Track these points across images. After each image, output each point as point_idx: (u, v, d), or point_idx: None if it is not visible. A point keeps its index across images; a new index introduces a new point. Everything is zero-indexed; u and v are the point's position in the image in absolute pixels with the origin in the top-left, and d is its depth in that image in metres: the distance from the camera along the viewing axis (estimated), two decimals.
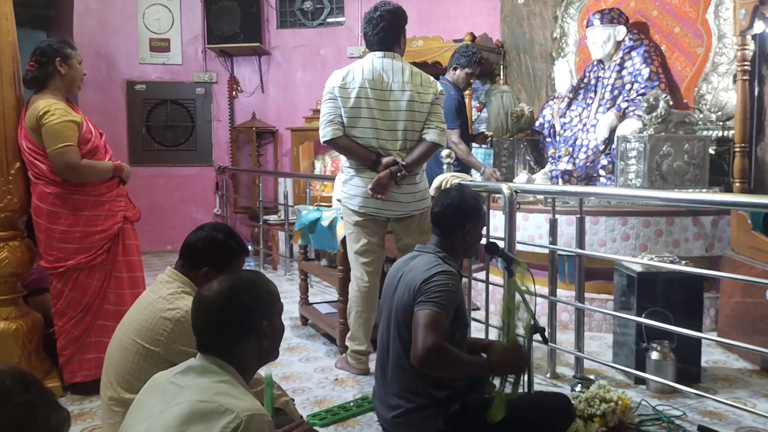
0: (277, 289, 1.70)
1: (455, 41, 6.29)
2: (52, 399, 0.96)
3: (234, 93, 8.19)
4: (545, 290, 3.64)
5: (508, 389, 2.25)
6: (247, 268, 6.84)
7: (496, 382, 2.24)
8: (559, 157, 5.40)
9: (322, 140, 3.42)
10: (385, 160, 3.36)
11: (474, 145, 5.54)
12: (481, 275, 4.10)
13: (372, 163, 3.39)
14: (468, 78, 5.04)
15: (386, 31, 3.45)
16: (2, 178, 3.27)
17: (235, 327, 1.55)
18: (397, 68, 3.42)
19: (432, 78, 3.49)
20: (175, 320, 2.07)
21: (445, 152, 4.06)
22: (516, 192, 3.37)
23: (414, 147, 3.42)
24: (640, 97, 5.02)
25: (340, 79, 3.43)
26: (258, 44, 7.70)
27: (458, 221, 2.41)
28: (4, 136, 3.28)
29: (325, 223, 4.09)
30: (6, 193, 3.28)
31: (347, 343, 3.70)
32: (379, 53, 3.46)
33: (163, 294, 2.15)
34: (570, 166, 5.18)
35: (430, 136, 3.40)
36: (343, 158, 3.57)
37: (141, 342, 2.09)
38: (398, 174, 3.34)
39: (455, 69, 5.02)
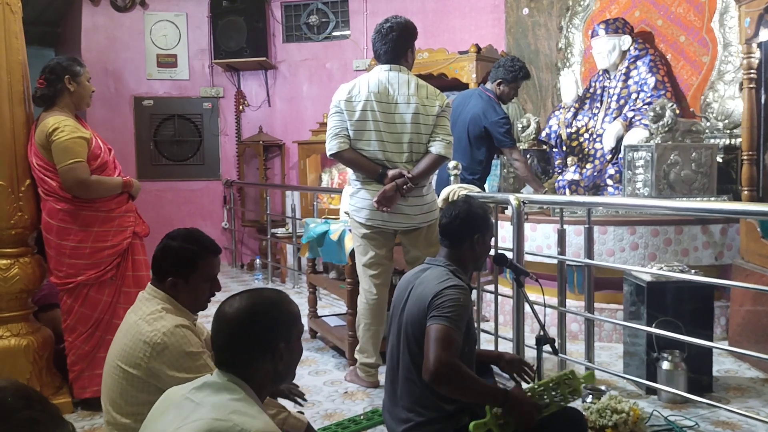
0: (298, 310, 1.67)
1: (460, 53, 6.31)
2: (57, 414, 0.96)
3: (241, 107, 8.23)
4: (554, 301, 3.63)
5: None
6: (256, 279, 6.84)
7: (495, 411, 2.14)
8: (566, 167, 5.40)
9: (328, 153, 3.46)
10: (391, 172, 3.37)
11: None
12: (491, 287, 4.10)
13: (378, 175, 3.40)
14: (513, 94, 4.89)
15: (394, 44, 3.46)
16: (13, 195, 3.30)
17: (251, 346, 1.54)
18: (403, 81, 3.44)
19: (438, 91, 3.51)
20: (153, 344, 2.04)
21: (452, 164, 4.06)
22: (524, 203, 3.37)
23: (420, 159, 3.43)
24: (646, 107, 5.02)
25: (346, 92, 3.46)
26: (264, 58, 7.75)
27: (467, 232, 2.41)
28: (14, 153, 3.30)
29: (333, 236, 4.09)
30: (17, 209, 3.31)
31: (356, 356, 3.70)
32: (386, 66, 3.48)
33: (143, 315, 2.13)
34: (577, 176, 5.18)
35: (436, 148, 3.41)
36: (350, 171, 3.60)
37: (123, 366, 2.08)
38: (404, 186, 3.34)
39: (500, 84, 4.77)
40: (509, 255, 3.13)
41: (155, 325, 2.08)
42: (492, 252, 3.06)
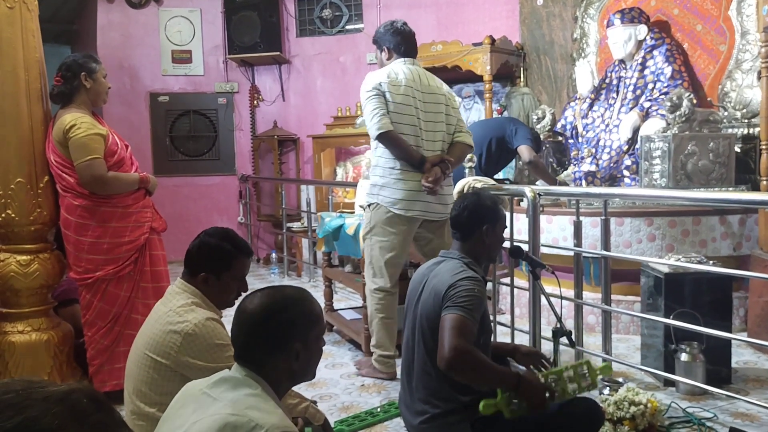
0: (320, 310, 1.66)
1: (474, 45, 6.28)
2: (121, 420, 0.97)
3: (255, 102, 8.26)
4: (571, 293, 3.62)
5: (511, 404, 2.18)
6: (272, 273, 6.87)
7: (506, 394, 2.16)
8: (582, 158, 5.36)
9: (377, 132, 3.38)
10: (431, 158, 3.43)
11: None
12: (506, 279, 4.09)
13: (418, 161, 3.41)
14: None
15: (414, 40, 3.64)
16: (32, 192, 3.33)
17: (267, 344, 1.54)
18: (430, 75, 3.60)
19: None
20: (184, 333, 2.09)
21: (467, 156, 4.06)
22: (539, 195, 3.35)
23: (452, 148, 3.56)
24: (663, 96, 4.97)
25: (385, 76, 3.47)
26: (278, 53, 7.76)
27: (475, 223, 2.41)
28: (32, 150, 3.34)
29: (349, 230, 4.10)
30: (36, 206, 3.34)
31: (372, 350, 3.71)
32: (409, 60, 3.60)
33: (173, 307, 2.17)
34: (593, 168, 5.14)
35: (465, 138, 3.59)
36: (380, 161, 3.52)
37: (152, 355, 2.12)
38: (447, 171, 3.44)
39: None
40: (525, 247, 3.12)
41: (186, 316, 2.12)
42: (508, 244, 3.05)
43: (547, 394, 2.19)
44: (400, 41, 3.60)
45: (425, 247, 3.66)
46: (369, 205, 3.59)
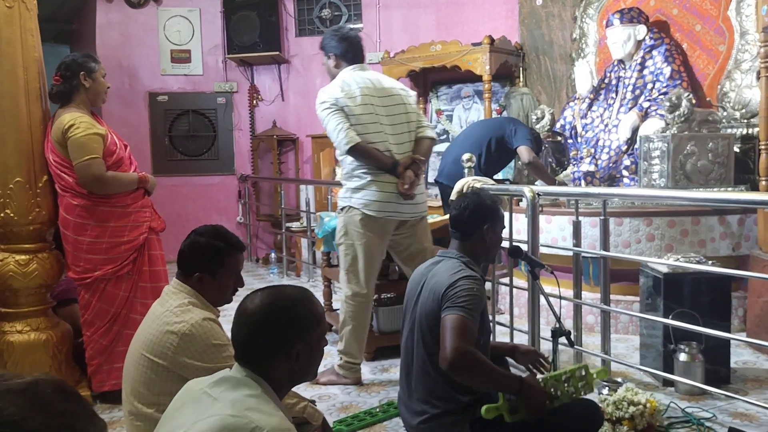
0: (322, 311, 1.64)
1: (474, 45, 6.28)
2: (90, 410, 0.97)
3: (254, 102, 8.26)
4: (570, 293, 3.62)
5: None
6: (271, 273, 6.87)
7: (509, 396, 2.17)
8: (581, 158, 5.37)
9: (346, 147, 3.37)
10: (403, 160, 3.44)
11: None
12: (505, 279, 4.09)
13: (391, 166, 3.41)
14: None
15: (361, 46, 3.62)
16: (30, 192, 3.33)
17: (267, 344, 1.53)
18: (383, 77, 3.63)
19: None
20: (181, 334, 2.09)
21: (466, 156, 4.06)
22: (538, 195, 3.35)
23: (418, 145, 3.55)
24: (662, 97, 4.97)
25: (338, 90, 3.44)
26: (277, 53, 7.76)
27: (476, 222, 2.41)
28: (31, 150, 3.34)
29: None
30: (34, 205, 3.34)
31: (339, 355, 3.64)
32: (357, 66, 3.57)
33: (170, 307, 2.17)
34: (592, 168, 5.14)
35: (429, 132, 3.60)
36: (347, 166, 3.51)
37: (149, 356, 2.11)
38: (420, 171, 3.46)
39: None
40: (524, 247, 3.11)
41: (183, 316, 2.12)
42: (507, 244, 3.05)
43: (547, 401, 2.19)
44: (347, 48, 3.56)
45: (403, 253, 3.66)
46: (342, 209, 3.56)
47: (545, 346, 3.27)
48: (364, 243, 3.50)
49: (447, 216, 3.87)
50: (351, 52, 3.57)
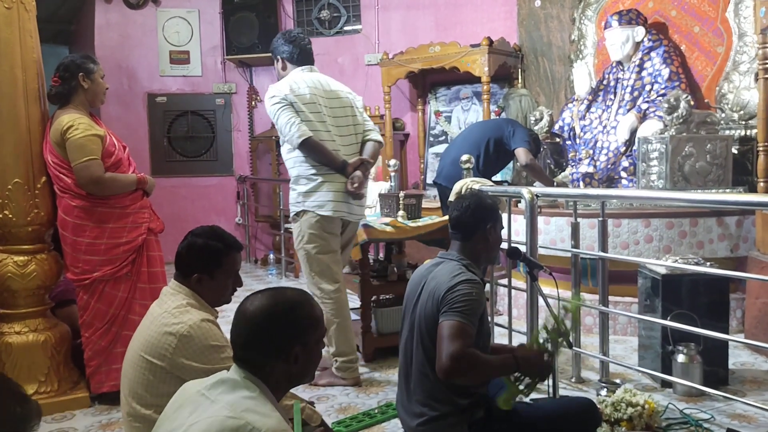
0: (321, 314, 1.64)
1: (472, 46, 6.29)
2: (17, 390, 0.96)
3: (253, 103, 8.25)
4: (568, 294, 3.62)
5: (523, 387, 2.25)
6: (270, 274, 6.86)
7: (512, 377, 2.23)
8: (580, 159, 5.37)
9: (298, 140, 3.39)
10: (352, 161, 3.51)
11: None
12: (504, 281, 4.09)
13: (340, 165, 3.46)
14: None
15: (309, 49, 3.69)
16: (29, 193, 3.33)
17: (266, 346, 1.53)
18: (331, 80, 3.67)
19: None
20: (179, 335, 2.09)
21: (465, 157, 4.06)
22: (537, 196, 3.36)
23: (365, 148, 3.63)
24: (660, 98, 4.98)
25: (287, 88, 3.49)
26: None
27: (478, 222, 2.41)
28: (30, 151, 3.34)
29: None
30: (33, 207, 3.34)
31: (334, 359, 3.64)
32: (307, 67, 3.64)
33: (168, 308, 2.17)
34: (591, 169, 5.15)
35: (376, 135, 3.68)
36: (300, 167, 3.54)
37: (148, 357, 2.11)
38: (367, 173, 3.54)
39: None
40: (523, 248, 3.12)
41: (181, 318, 2.12)
42: (505, 246, 3.06)
43: (546, 357, 2.25)
44: (293, 50, 3.62)
45: (344, 249, 3.78)
46: (296, 215, 3.60)
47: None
48: (323, 244, 3.56)
49: (446, 217, 3.88)
50: (298, 54, 3.63)
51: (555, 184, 5.17)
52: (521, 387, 2.21)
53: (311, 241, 3.54)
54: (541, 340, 2.29)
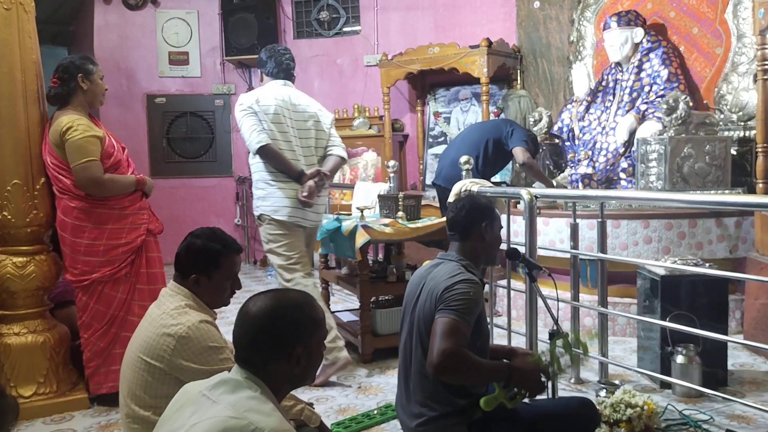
0: (322, 315, 1.66)
1: (471, 47, 6.29)
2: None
3: None
4: (568, 295, 3.63)
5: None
6: (269, 275, 6.85)
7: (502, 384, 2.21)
8: (579, 160, 5.38)
9: (256, 146, 3.58)
10: (309, 171, 3.67)
11: None
12: (503, 282, 4.09)
13: (296, 174, 3.65)
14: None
15: (291, 64, 3.88)
16: (28, 194, 3.33)
17: (269, 347, 1.54)
18: (301, 95, 3.87)
19: (324, 108, 4.00)
20: (177, 336, 2.09)
21: (464, 158, 4.06)
22: (536, 197, 3.36)
23: (326, 160, 3.83)
24: (659, 99, 4.99)
25: (253, 98, 3.69)
26: None
27: (474, 221, 2.42)
28: (29, 152, 3.34)
29: (346, 232, 4.10)
30: (32, 208, 3.34)
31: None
32: (281, 81, 3.83)
33: (167, 309, 2.16)
34: (590, 170, 5.15)
35: (338, 150, 3.88)
36: (260, 173, 3.72)
37: (146, 358, 2.11)
38: (321, 183, 3.69)
39: None
40: (522, 249, 3.11)
41: (180, 319, 2.12)
42: (504, 246, 3.06)
43: (541, 375, 2.22)
44: (271, 65, 3.83)
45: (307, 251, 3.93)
46: (258, 217, 3.79)
47: (543, 349, 3.27)
48: (289, 241, 3.73)
49: (444, 218, 3.88)
50: (275, 69, 3.83)
51: (554, 183, 5.17)
52: (507, 397, 2.17)
53: (274, 240, 3.73)
54: (543, 359, 2.26)
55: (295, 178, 3.65)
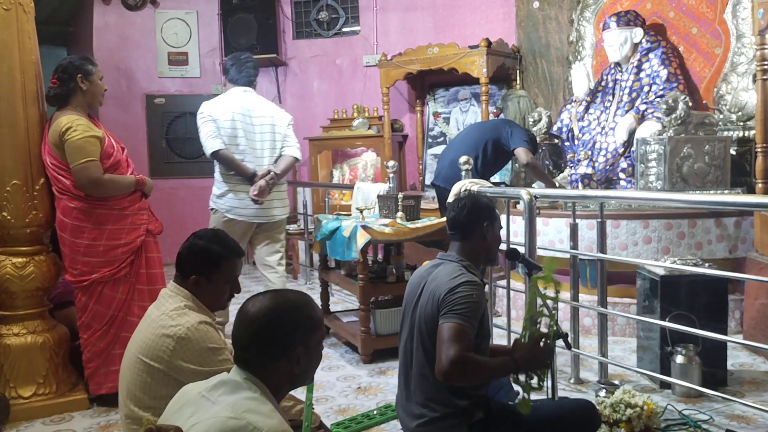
0: (321, 315, 1.67)
1: (471, 47, 6.29)
2: None
3: None
4: (567, 295, 3.63)
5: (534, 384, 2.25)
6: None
7: (521, 378, 2.24)
8: (578, 161, 5.38)
9: (210, 150, 3.99)
10: (260, 172, 4.00)
11: None
12: (503, 282, 4.09)
13: (249, 176, 4.00)
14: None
15: (253, 72, 4.22)
16: (27, 194, 3.33)
17: (269, 347, 1.54)
18: (259, 101, 4.18)
19: (282, 109, 4.31)
20: (177, 337, 2.08)
21: (463, 158, 4.07)
22: (535, 197, 3.36)
23: (279, 160, 4.12)
24: (658, 99, 4.99)
25: (213, 106, 4.06)
26: (275, 55, 7.75)
27: (475, 221, 2.41)
28: (28, 152, 3.33)
29: (346, 233, 4.10)
30: (31, 208, 3.34)
31: None
32: (243, 88, 4.16)
33: (166, 310, 2.16)
34: (589, 170, 5.15)
35: (291, 150, 4.17)
36: (217, 173, 4.13)
37: (145, 359, 2.11)
38: (272, 182, 4.01)
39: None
40: (521, 250, 3.12)
41: (179, 320, 2.12)
42: (504, 247, 3.06)
43: (541, 344, 2.23)
44: (232, 72, 4.18)
45: (257, 245, 4.25)
46: (211, 210, 4.16)
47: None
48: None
49: (444, 219, 3.88)
50: (237, 76, 4.17)
51: (556, 184, 5.17)
52: (533, 383, 2.22)
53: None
54: (530, 330, 2.28)
55: (248, 180, 4.00)
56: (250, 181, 4.00)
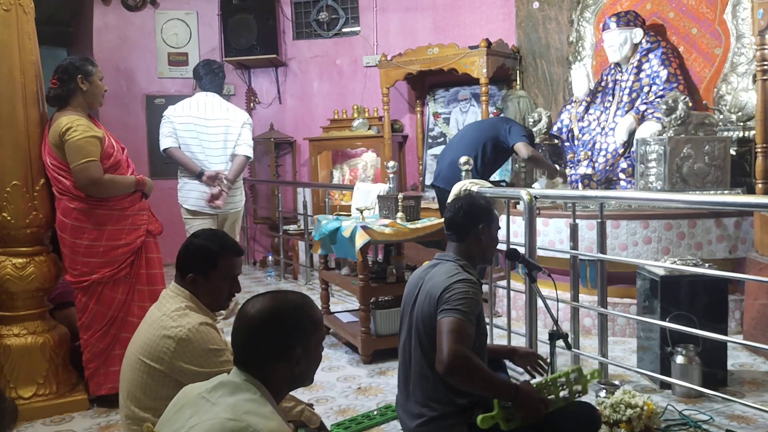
0: (321, 316, 1.67)
1: (471, 48, 6.29)
2: None
3: (252, 104, 8.25)
4: (567, 295, 3.63)
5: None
6: (269, 276, 6.86)
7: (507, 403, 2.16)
8: (578, 161, 5.38)
9: (162, 148, 4.59)
10: (207, 173, 4.54)
11: None
12: (503, 282, 4.09)
13: (196, 174, 4.53)
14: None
15: (220, 80, 4.79)
16: (28, 195, 3.33)
17: (268, 348, 1.54)
18: (217, 103, 4.68)
19: (241, 110, 4.85)
20: (177, 338, 2.08)
21: (463, 159, 4.06)
22: (535, 197, 3.36)
23: (233, 162, 4.64)
24: (658, 100, 4.99)
25: (173, 109, 4.62)
26: (275, 56, 7.75)
27: (471, 222, 2.42)
28: (28, 153, 3.34)
29: (346, 233, 4.10)
30: (32, 209, 3.34)
31: None
32: (204, 93, 4.68)
33: (167, 311, 2.16)
34: (589, 170, 5.15)
35: (242, 149, 4.69)
36: (178, 169, 4.66)
37: (146, 360, 2.11)
38: (227, 187, 4.57)
39: None
40: (521, 250, 3.11)
41: (180, 321, 2.12)
42: (504, 247, 3.06)
43: (542, 406, 2.18)
44: (200, 77, 4.72)
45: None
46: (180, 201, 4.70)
47: (543, 349, 3.26)
48: (195, 226, 4.47)
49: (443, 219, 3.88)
50: (203, 81, 4.71)
51: (561, 173, 5.16)
52: (505, 419, 2.13)
53: (186, 223, 4.68)
54: (546, 393, 2.23)
55: (196, 177, 4.55)
56: (198, 179, 4.55)
